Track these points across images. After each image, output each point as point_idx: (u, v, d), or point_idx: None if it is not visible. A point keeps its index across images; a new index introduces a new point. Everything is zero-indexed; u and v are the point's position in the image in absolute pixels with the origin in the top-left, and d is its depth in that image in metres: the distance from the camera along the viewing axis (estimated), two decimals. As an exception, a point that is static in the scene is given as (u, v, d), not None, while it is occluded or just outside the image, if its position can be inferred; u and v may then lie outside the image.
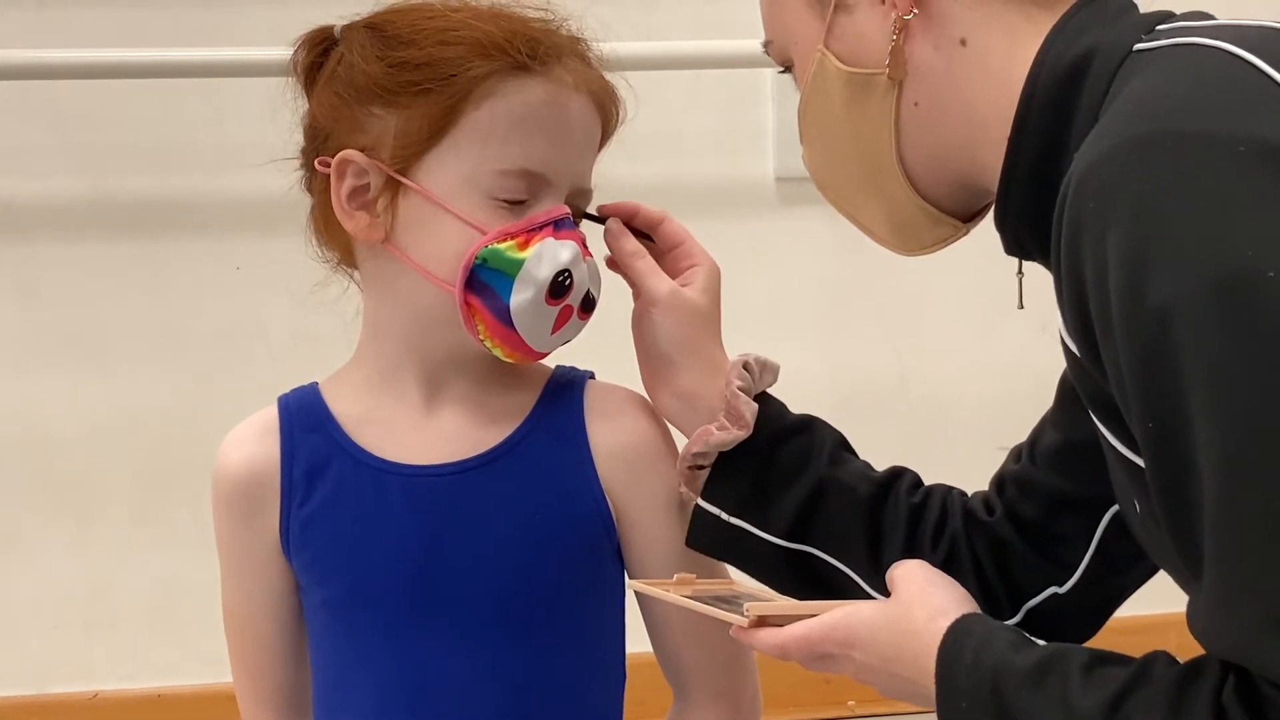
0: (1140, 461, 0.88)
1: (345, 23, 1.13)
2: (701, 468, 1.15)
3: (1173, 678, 0.87)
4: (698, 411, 1.15)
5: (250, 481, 1.14)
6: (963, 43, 1.02)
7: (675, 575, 1.08)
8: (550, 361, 1.17)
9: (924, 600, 0.99)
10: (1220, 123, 0.84)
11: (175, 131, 2.25)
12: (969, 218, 1.10)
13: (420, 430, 1.13)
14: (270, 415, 1.16)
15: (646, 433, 1.16)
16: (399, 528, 1.11)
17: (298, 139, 1.15)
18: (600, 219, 1.17)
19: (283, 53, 1.16)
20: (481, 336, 1.08)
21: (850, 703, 2.36)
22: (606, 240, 1.16)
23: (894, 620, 0.99)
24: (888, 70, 1.03)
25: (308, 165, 1.13)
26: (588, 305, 1.11)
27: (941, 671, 0.95)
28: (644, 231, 1.18)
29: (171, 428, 2.25)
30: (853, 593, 1.16)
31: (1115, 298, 0.83)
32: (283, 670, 1.17)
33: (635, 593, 1.12)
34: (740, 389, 1.14)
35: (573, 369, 1.19)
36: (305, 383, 1.19)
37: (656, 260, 1.17)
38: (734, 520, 1.15)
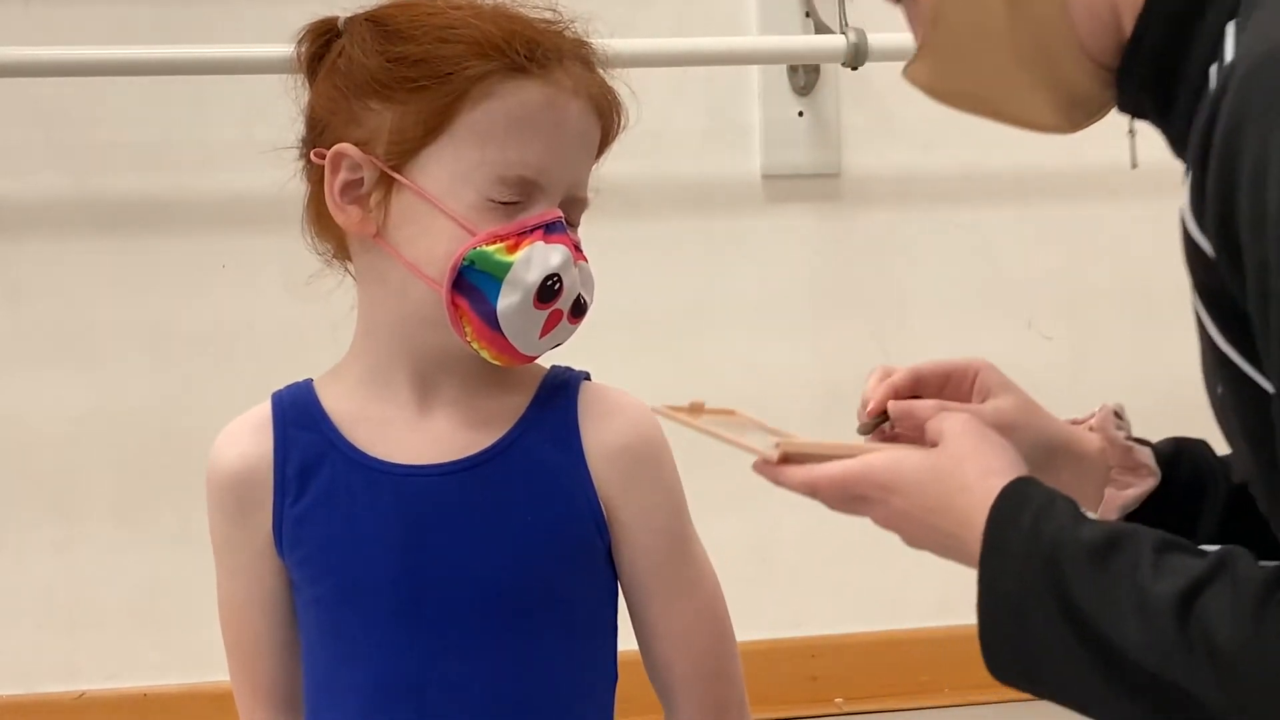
0: (1240, 362, 0.85)
1: (349, 15, 1.12)
2: None
3: (1259, 579, 0.82)
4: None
5: (243, 478, 1.14)
6: None
7: (688, 401, 1.05)
8: (545, 362, 1.17)
9: (978, 456, 0.95)
10: None
11: (161, 129, 2.24)
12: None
13: (413, 430, 1.13)
14: (264, 412, 1.16)
15: (641, 433, 1.15)
16: (389, 527, 1.10)
17: (298, 130, 1.14)
18: None
19: (268, 50, 1.16)
20: (469, 338, 1.08)
21: (838, 700, 2.36)
22: None
23: (944, 472, 0.95)
24: None
25: (306, 156, 1.13)
26: (578, 310, 1.10)
27: (992, 531, 0.91)
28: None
29: (157, 426, 2.25)
30: None
31: (1276, 205, 0.78)
32: (277, 666, 1.17)
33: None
34: (1127, 439, 1.10)
35: (568, 369, 1.18)
36: (292, 381, 1.18)
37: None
38: None
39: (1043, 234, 2.49)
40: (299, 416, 1.14)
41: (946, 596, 2.41)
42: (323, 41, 1.13)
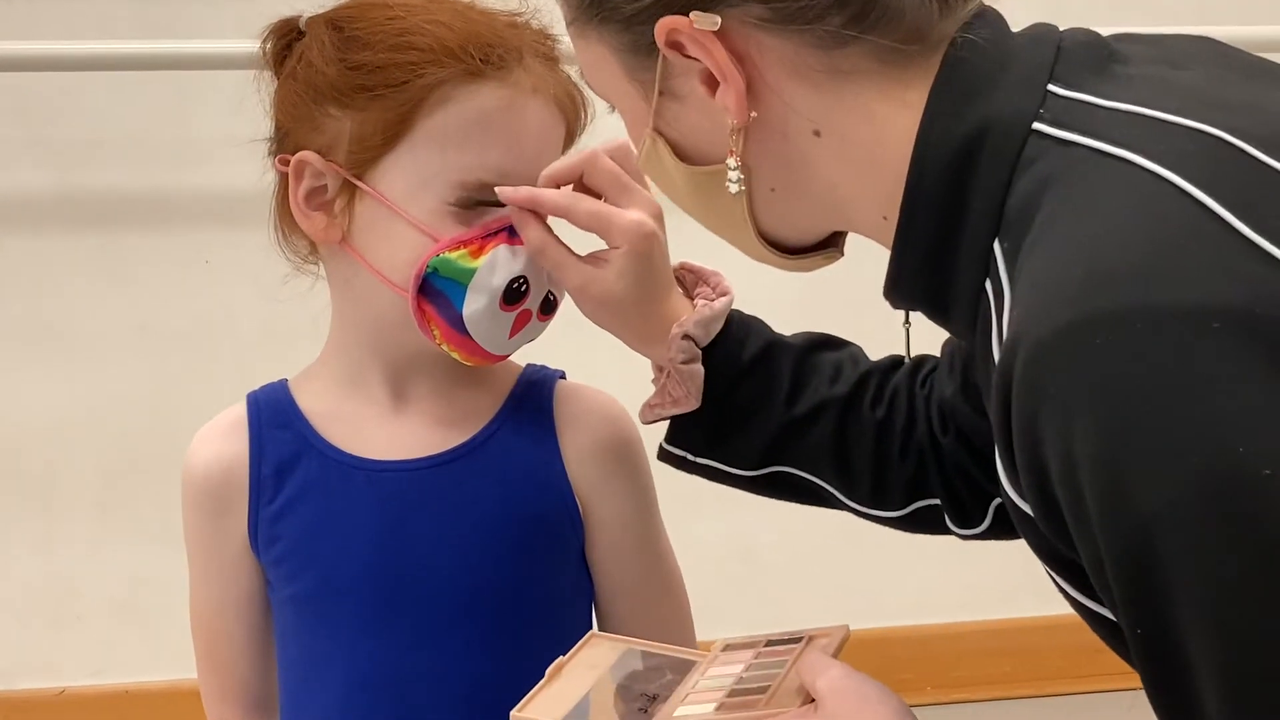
0: (1102, 611, 0.82)
1: (311, 15, 1.12)
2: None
3: None
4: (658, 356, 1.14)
5: (219, 479, 1.14)
6: (816, 134, 0.92)
7: (586, 635, 1.03)
8: (523, 359, 1.16)
9: (860, 718, 0.90)
10: (1187, 292, 0.72)
11: (142, 125, 2.23)
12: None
13: (387, 426, 1.13)
14: (239, 412, 1.16)
15: (617, 432, 1.16)
16: (365, 522, 1.11)
17: (270, 128, 1.14)
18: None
19: (250, 46, 1.15)
20: (438, 341, 1.08)
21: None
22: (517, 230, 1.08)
23: None
24: (732, 172, 0.94)
25: (273, 157, 1.13)
26: (548, 307, 1.10)
27: None
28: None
29: (139, 422, 2.24)
30: (830, 502, 1.19)
31: (1094, 502, 0.74)
32: (250, 668, 1.17)
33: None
34: (684, 362, 1.13)
35: (543, 368, 1.19)
36: (273, 378, 1.18)
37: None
38: (702, 460, 1.17)
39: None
40: (274, 416, 1.15)
41: (928, 595, 2.41)
42: (284, 43, 1.12)
